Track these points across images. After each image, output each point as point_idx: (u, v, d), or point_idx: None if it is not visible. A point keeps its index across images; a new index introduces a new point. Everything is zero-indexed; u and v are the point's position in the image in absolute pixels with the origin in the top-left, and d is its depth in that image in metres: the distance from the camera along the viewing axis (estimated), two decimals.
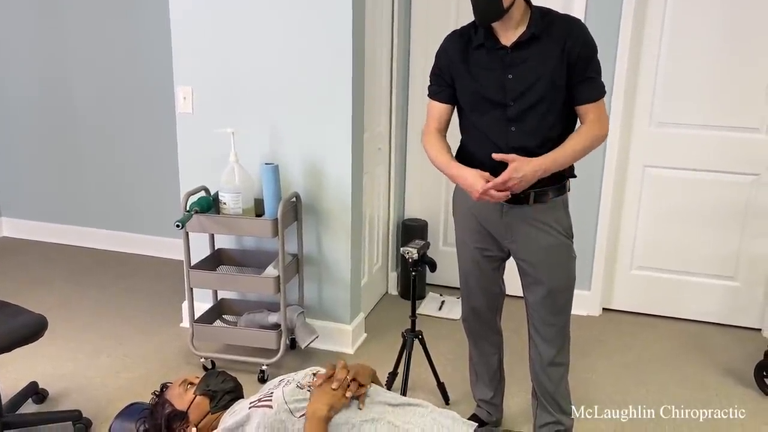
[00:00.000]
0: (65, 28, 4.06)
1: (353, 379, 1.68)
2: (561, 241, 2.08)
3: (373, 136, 3.24)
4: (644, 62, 3.20)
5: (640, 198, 3.37)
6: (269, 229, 2.68)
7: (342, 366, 1.71)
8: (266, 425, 1.62)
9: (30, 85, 4.25)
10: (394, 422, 1.61)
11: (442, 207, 3.70)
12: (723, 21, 3.05)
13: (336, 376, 1.67)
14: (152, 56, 3.89)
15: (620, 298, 3.54)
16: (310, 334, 2.87)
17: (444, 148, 2.09)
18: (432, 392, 2.68)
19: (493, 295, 2.27)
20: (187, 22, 2.91)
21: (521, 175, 1.87)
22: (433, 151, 2.09)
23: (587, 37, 1.93)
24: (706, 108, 3.17)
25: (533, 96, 1.93)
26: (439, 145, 2.09)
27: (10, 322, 2.25)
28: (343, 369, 1.70)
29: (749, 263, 3.28)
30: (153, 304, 3.56)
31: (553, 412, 2.24)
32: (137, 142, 4.13)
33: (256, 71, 2.87)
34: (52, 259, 4.20)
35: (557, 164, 1.94)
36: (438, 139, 2.11)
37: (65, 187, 4.36)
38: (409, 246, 2.46)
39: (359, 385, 1.69)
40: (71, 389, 2.72)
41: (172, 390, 1.85)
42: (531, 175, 1.89)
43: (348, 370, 1.69)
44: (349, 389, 1.66)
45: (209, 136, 2.94)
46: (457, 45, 2.03)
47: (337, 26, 2.72)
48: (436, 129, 2.12)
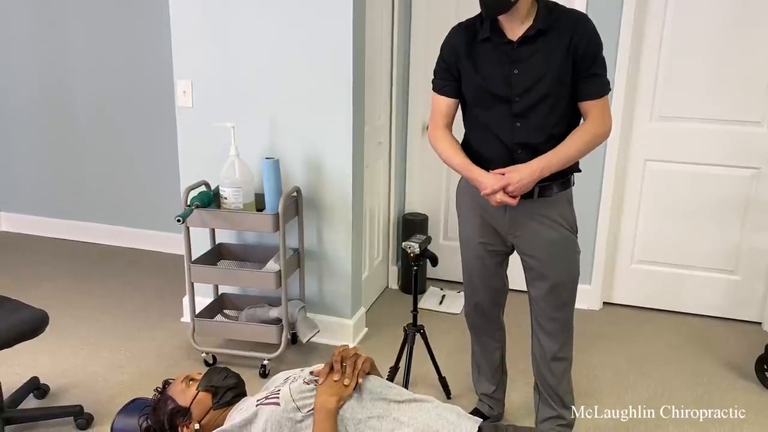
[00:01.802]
0: (64, 22, 4.04)
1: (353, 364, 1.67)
2: (565, 236, 2.07)
3: (373, 130, 3.23)
4: (645, 56, 3.19)
5: (641, 192, 3.37)
6: (270, 224, 2.68)
7: (339, 352, 1.70)
8: (274, 422, 1.61)
9: (29, 80, 4.23)
10: (400, 418, 1.61)
11: (443, 201, 3.70)
12: (724, 15, 3.04)
13: (335, 367, 1.67)
14: (152, 50, 3.87)
15: (621, 292, 3.54)
16: (311, 328, 2.87)
17: (457, 147, 2.08)
18: (433, 386, 2.69)
19: (496, 289, 2.27)
20: (187, 16, 2.89)
21: (518, 179, 1.92)
22: (448, 152, 2.08)
23: (593, 34, 1.92)
24: (707, 102, 3.16)
25: (539, 91, 1.92)
26: (451, 144, 2.08)
27: (12, 318, 2.25)
28: (341, 359, 1.69)
29: (750, 257, 3.29)
30: (153, 298, 3.55)
31: (555, 407, 2.24)
32: (137, 137, 4.11)
33: (256, 65, 2.85)
34: (51, 254, 4.19)
35: (551, 167, 1.94)
36: (449, 138, 2.09)
37: (64, 181, 4.35)
38: (411, 240, 2.46)
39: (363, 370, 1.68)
40: (72, 384, 2.72)
41: (174, 386, 1.85)
42: (528, 178, 1.92)
43: (345, 361, 1.69)
44: (351, 375, 1.65)
45: (209, 130, 2.93)
46: (463, 38, 2.01)
47: (338, 19, 2.70)
48: (443, 125, 2.10)
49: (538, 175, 1.93)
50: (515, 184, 1.92)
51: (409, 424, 1.59)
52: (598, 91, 1.95)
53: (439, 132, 2.10)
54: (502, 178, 1.94)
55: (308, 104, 2.83)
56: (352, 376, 1.66)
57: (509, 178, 1.93)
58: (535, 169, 1.93)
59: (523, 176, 1.92)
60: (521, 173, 1.93)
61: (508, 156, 2.00)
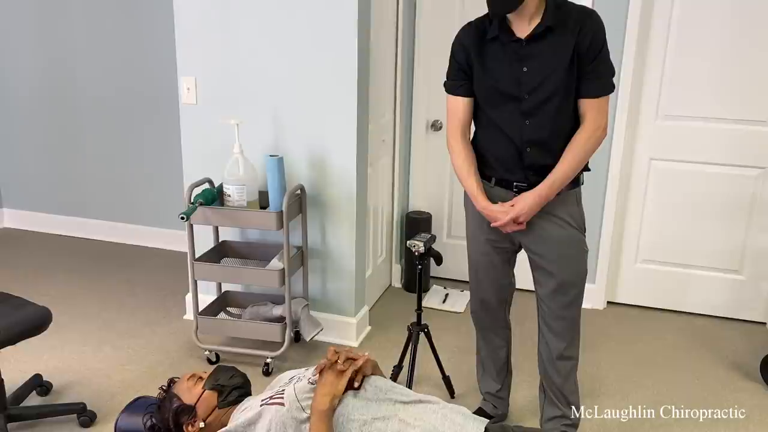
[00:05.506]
0: (68, 19, 4.03)
1: (347, 359, 1.66)
2: (573, 235, 2.07)
3: (377, 128, 3.22)
4: (651, 54, 3.17)
5: (645, 191, 3.35)
6: (274, 222, 2.67)
7: (332, 352, 1.68)
8: (278, 422, 1.61)
9: (32, 76, 4.22)
10: (406, 419, 1.60)
11: (446, 199, 3.68)
12: (730, 13, 3.02)
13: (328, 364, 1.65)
14: (156, 46, 3.86)
15: (625, 292, 3.53)
16: (315, 326, 2.87)
17: (472, 167, 2.08)
18: (437, 385, 2.68)
19: (503, 287, 2.26)
20: (191, 12, 2.88)
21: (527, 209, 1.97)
22: (462, 172, 2.09)
23: (599, 31, 1.90)
24: (712, 101, 3.15)
25: (548, 89, 1.91)
26: (467, 160, 2.08)
27: (15, 315, 2.25)
28: (333, 354, 1.67)
29: (755, 257, 3.27)
30: (156, 296, 3.55)
31: (561, 406, 2.24)
32: (140, 134, 4.10)
33: (260, 62, 2.84)
34: (54, 250, 4.19)
35: (555, 189, 1.97)
36: (466, 153, 2.08)
37: (68, 178, 4.34)
38: (416, 239, 2.46)
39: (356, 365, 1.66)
40: (75, 382, 2.72)
41: (180, 384, 1.84)
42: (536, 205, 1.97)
43: (338, 353, 1.67)
44: (344, 365, 1.63)
45: (213, 127, 2.92)
46: (473, 38, 2.00)
47: (342, 16, 2.69)
48: (460, 132, 2.09)
49: (544, 199, 1.98)
50: (525, 214, 1.98)
51: (415, 425, 1.58)
52: (597, 90, 1.94)
53: (457, 144, 2.09)
54: (511, 210, 1.99)
55: (313, 102, 2.82)
56: (345, 364, 1.63)
57: (518, 211, 1.98)
58: (542, 194, 1.96)
59: (531, 205, 1.97)
60: (528, 202, 1.97)
61: (518, 155, 1.99)
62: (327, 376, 1.64)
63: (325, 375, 1.64)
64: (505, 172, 2.04)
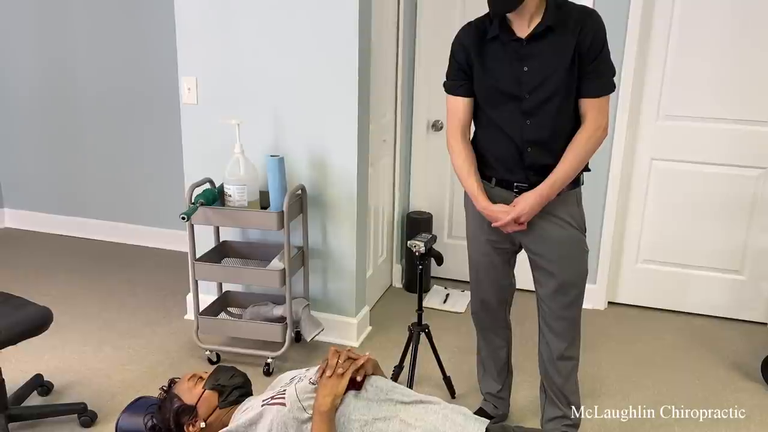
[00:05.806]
0: (68, 19, 4.03)
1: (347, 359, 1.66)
2: (574, 235, 2.07)
3: (378, 128, 3.22)
4: (652, 54, 3.17)
5: (646, 191, 3.35)
6: (275, 222, 2.67)
7: (333, 353, 1.68)
8: (279, 423, 1.60)
9: (33, 76, 4.22)
10: (407, 420, 1.60)
11: (447, 200, 3.68)
12: (731, 13, 3.02)
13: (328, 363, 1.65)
14: (156, 46, 3.86)
15: (626, 292, 3.53)
16: (316, 326, 2.87)
17: (472, 167, 2.07)
18: (438, 386, 2.68)
19: (503, 287, 2.26)
20: (192, 12, 2.88)
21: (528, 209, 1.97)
22: (462, 172, 2.08)
23: (599, 31, 1.90)
24: (714, 101, 3.15)
25: (549, 88, 1.91)
26: (467, 160, 2.08)
27: (16, 315, 2.25)
28: (333, 355, 1.67)
29: (756, 257, 3.27)
30: (157, 296, 3.55)
31: (561, 407, 2.24)
32: (141, 134, 4.10)
33: (261, 62, 2.84)
34: (55, 250, 4.19)
35: (555, 188, 1.97)
36: (466, 153, 2.08)
37: (68, 178, 4.34)
38: (416, 239, 2.46)
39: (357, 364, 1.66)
40: (76, 382, 2.72)
41: (181, 384, 1.84)
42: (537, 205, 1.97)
43: (339, 353, 1.67)
44: (344, 366, 1.63)
45: (214, 127, 2.92)
46: (473, 37, 2.00)
47: (343, 16, 2.69)
48: (460, 132, 2.09)
49: (546, 199, 1.97)
50: (526, 214, 1.98)
51: (416, 426, 1.59)
52: (597, 90, 1.93)
53: (457, 144, 2.09)
54: (512, 210, 1.99)
55: (314, 102, 2.82)
56: (345, 365, 1.64)
57: (519, 211, 1.98)
58: (543, 194, 1.96)
59: (533, 205, 1.97)
60: (529, 202, 1.97)
61: (518, 155, 1.99)
62: (327, 372, 1.64)
63: (327, 373, 1.64)
64: (505, 172, 2.04)
